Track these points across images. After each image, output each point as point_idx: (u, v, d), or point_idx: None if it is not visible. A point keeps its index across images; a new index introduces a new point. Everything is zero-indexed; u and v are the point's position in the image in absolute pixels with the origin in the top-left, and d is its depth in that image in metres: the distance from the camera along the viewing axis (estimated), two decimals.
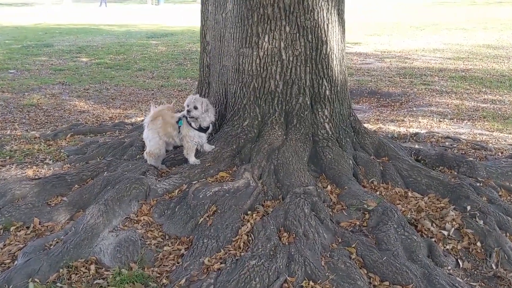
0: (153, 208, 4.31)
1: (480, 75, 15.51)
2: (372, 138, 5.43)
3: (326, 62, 5.07)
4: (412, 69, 16.93)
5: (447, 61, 18.20)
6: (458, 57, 18.97)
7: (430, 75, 15.86)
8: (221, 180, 4.62)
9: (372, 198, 4.40)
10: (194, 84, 14.11)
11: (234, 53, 5.16)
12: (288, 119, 5.07)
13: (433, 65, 17.51)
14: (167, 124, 4.88)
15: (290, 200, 4.17)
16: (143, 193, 4.41)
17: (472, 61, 18.20)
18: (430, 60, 18.52)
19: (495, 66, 17.00)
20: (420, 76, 15.70)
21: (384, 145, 5.40)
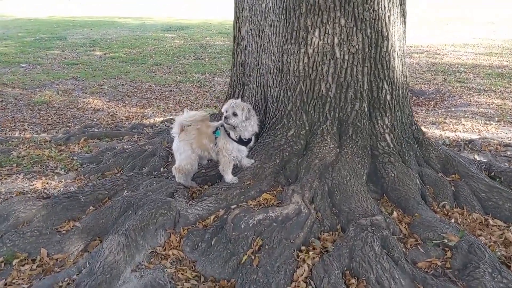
0: (184, 239, 3.54)
1: None
2: (438, 151, 4.59)
3: (387, 61, 4.24)
4: (443, 65, 15.96)
5: (480, 57, 17.18)
6: (491, 53, 17.91)
7: (464, 71, 14.89)
8: (265, 204, 3.83)
9: (452, 230, 3.58)
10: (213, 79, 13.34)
11: (277, 50, 4.35)
12: (341, 129, 4.25)
13: (466, 61, 16.52)
14: (202, 134, 4.08)
15: (354, 234, 3.36)
16: (172, 220, 3.64)
17: (507, 56, 17.15)
18: (462, 56, 17.51)
19: None
20: (453, 73, 14.75)
21: (452, 159, 4.55)
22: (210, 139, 4.07)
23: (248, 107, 3.96)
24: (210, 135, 4.08)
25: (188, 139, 4.08)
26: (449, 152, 4.68)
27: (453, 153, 4.74)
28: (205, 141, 4.07)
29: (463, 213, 4.05)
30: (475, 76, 14.30)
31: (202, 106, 10.37)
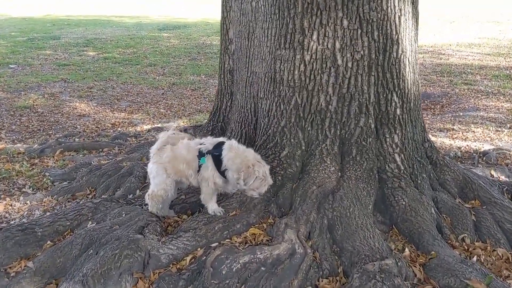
0: (154, 286, 2.93)
1: None
2: (454, 171, 3.98)
3: (397, 69, 3.63)
4: (449, 66, 15.33)
5: (487, 58, 16.55)
6: (498, 53, 17.27)
7: (470, 73, 14.27)
8: (252, 241, 3.21)
9: (477, 274, 2.96)
10: (209, 81, 12.73)
11: (268, 56, 3.75)
12: (344, 148, 3.64)
13: (472, 62, 15.89)
14: (178, 158, 3.42)
15: (360, 283, 2.75)
16: (140, 262, 3.03)
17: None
18: (467, 56, 16.88)
19: None
20: (459, 74, 14.13)
21: (471, 181, 3.95)
22: (189, 165, 3.40)
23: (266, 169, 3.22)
24: (189, 160, 3.40)
25: (162, 162, 3.45)
26: (467, 173, 4.07)
27: (471, 174, 4.13)
28: (182, 166, 3.40)
29: (487, 248, 3.44)
30: (483, 77, 13.68)
31: (195, 111, 9.77)
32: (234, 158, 3.19)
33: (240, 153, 3.23)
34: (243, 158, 3.18)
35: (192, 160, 3.37)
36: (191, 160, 3.37)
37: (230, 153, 3.23)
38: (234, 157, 3.20)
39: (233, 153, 3.22)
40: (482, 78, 13.58)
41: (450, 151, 6.55)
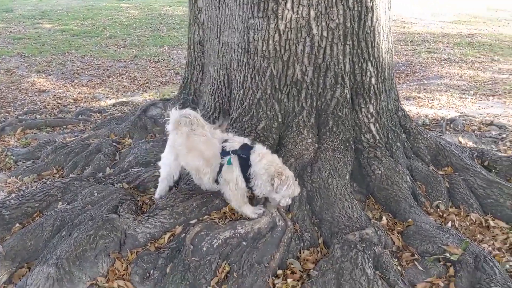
0: (132, 266, 2.85)
1: (488, 40, 14.20)
2: (428, 139, 4.02)
3: (372, 38, 3.58)
4: (412, 34, 15.50)
5: (449, 26, 16.81)
6: (459, 21, 17.57)
7: (433, 41, 14.49)
8: (232, 217, 3.15)
9: (454, 240, 3.03)
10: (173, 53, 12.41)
11: (241, 26, 3.62)
12: (320, 120, 3.60)
13: (435, 30, 16.11)
14: (194, 151, 3.02)
15: (341, 253, 2.76)
16: (116, 242, 2.93)
17: (475, 24, 16.85)
18: (430, 24, 17.10)
19: (501, 31, 15.70)
20: (423, 43, 14.32)
21: (443, 149, 4.00)
22: (208, 163, 3.01)
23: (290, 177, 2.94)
24: (209, 157, 3.00)
25: (174, 147, 3.14)
26: (440, 141, 4.12)
27: (443, 141, 4.19)
28: (198, 162, 3.03)
29: (460, 213, 3.53)
30: (445, 45, 13.92)
31: (160, 84, 9.51)
32: (266, 165, 2.90)
33: (270, 160, 2.94)
34: (275, 166, 2.91)
35: (212, 157, 3.00)
36: (211, 157, 3.01)
37: (263, 160, 2.91)
38: (266, 165, 2.90)
39: (265, 160, 2.91)
40: (445, 46, 13.80)
41: (418, 119, 6.64)
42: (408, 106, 7.86)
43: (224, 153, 2.97)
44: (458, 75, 10.70)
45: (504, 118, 6.89)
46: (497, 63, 11.68)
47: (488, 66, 11.47)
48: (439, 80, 10.30)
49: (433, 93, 9.05)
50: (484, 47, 13.32)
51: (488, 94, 8.88)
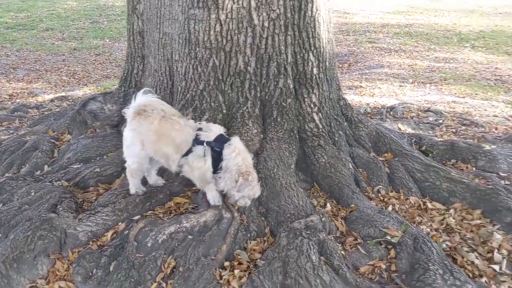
0: (74, 266, 2.75)
1: (425, 30, 14.79)
2: (368, 127, 4.14)
3: (313, 28, 3.62)
4: (354, 25, 15.87)
5: (388, 16, 17.35)
6: (398, 11, 18.17)
7: (374, 31, 14.90)
8: (177, 211, 3.11)
9: (394, 223, 3.14)
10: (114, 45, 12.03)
11: (181, 16, 3.55)
12: (265, 110, 3.61)
13: (374, 20, 16.58)
14: (164, 139, 2.94)
15: (287, 242, 2.79)
16: (56, 242, 2.82)
17: (412, 15, 17.49)
18: (370, 15, 17.57)
19: (437, 20, 16.39)
20: (364, 33, 14.70)
21: (383, 136, 4.13)
22: (178, 149, 2.91)
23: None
24: (179, 144, 2.91)
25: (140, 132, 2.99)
26: (379, 128, 4.25)
27: (383, 128, 4.32)
28: (168, 149, 2.93)
29: (400, 197, 3.66)
30: (385, 35, 14.35)
31: (102, 77, 9.20)
32: (240, 163, 2.84)
33: (245, 157, 2.89)
34: (246, 165, 2.87)
35: (183, 143, 2.91)
36: (181, 143, 2.92)
37: (239, 158, 2.85)
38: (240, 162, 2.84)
39: (241, 158, 2.85)
40: (385, 36, 14.23)
41: (360, 107, 6.82)
42: (351, 95, 8.05)
43: (198, 142, 2.89)
44: (398, 64, 11.07)
45: (440, 104, 7.20)
46: (433, 52, 12.18)
47: (425, 54, 11.95)
48: (379, 69, 10.61)
49: (374, 82, 9.31)
50: (421, 37, 13.86)
51: (425, 82, 9.25)
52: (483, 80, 9.15)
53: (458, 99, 7.68)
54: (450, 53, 11.93)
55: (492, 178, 3.82)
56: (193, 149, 2.89)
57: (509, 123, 6.08)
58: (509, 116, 6.48)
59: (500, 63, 10.71)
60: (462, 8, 18.85)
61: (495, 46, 12.54)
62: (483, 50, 12.13)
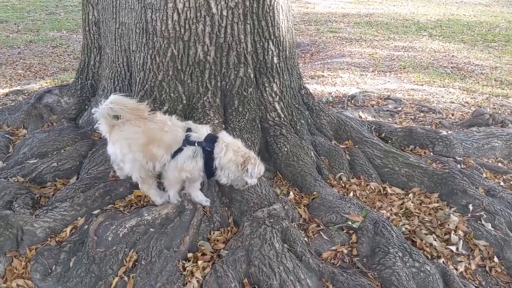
0: (32, 263, 2.67)
1: (385, 20, 15.07)
2: (329, 116, 4.18)
3: (272, 17, 3.61)
4: (315, 14, 15.99)
5: (349, 6, 17.57)
6: (358, 1, 18.43)
7: (335, 21, 15.07)
8: (138, 204, 3.06)
9: (355, 209, 3.20)
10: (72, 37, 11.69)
11: (138, 5, 3.47)
12: (226, 100, 3.59)
13: (336, 10, 16.76)
14: (154, 141, 2.78)
15: (251, 231, 2.80)
16: (12, 240, 2.73)
17: (372, 4, 17.78)
18: (331, 5, 17.74)
19: (396, 10, 16.72)
20: (325, 23, 14.83)
21: (344, 123, 4.19)
22: (167, 150, 2.79)
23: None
24: (169, 144, 2.78)
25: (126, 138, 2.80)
26: (340, 116, 4.31)
27: (344, 117, 4.38)
28: (157, 151, 2.78)
29: (361, 183, 3.74)
30: (346, 25, 14.52)
31: (59, 70, 8.92)
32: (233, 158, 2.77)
33: (235, 149, 2.82)
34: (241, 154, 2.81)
35: (172, 143, 2.79)
36: (171, 144, 2.79)
37: (229, 153, 2.77)
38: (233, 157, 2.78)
39: (231, 152, 2.78)
40: (346, 26, 14.40)
41: (322, 96, 6.90)
42: (313, 84, 8.12)
43: (189, 142, 2.78)
44: (359, 53, 11.23)
45: (399, 92, 7.37)
46: (393, 41, 12.43)
47: (385, 44, 12.18)
48: (341, 59, 10.74)
49: (336, 71, 9.43)
50: (381, 26, 14.12)
51: (385, 70, 9.44)
52: (440, 68, 9.42)
53: (417, 87, 7.88)
54: (409, 42, 12.20)
55: (448, 163, 3.95)
56: (184, 149, 2.80)
57: (465, 109, 6.29)
58: (464, 102, 6.70)
59: (456, 51, 11.04)
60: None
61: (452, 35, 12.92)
62: (440, 39, 12.47)
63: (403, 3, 17.87)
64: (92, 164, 3.38)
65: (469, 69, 9.38)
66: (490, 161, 4.33)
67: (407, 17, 15.23)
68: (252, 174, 2.78)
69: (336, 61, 10.59)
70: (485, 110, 5.54)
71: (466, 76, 8.84)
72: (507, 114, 6.06)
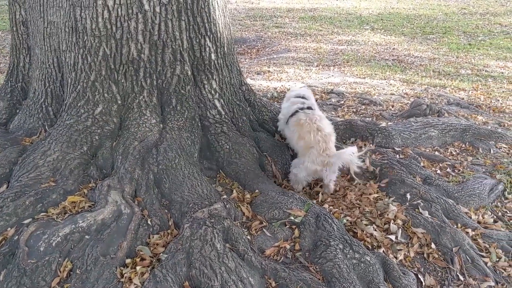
0: None
1: (328, 14, 15.32)
2: (271, 111, 4.18)
3: (207, 13, 3.56)
4: (260, 10, 16.03)
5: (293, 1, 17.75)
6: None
7: (280, 16, 15.16)
8: (73, 211, 2.93)
9: (297, 204, 3.21)
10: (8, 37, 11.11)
11: (66, 3, 3.32)
12: (163, 99, 3.50)
13: (280, 5, 16.87)
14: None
15: (191, 232, 2.73)
16: None
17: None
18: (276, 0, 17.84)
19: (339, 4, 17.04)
20: (270, 18, 14.90)
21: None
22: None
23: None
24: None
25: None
26: None
27: None
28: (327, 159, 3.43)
29: None
30: (291, 20, 14.64)
31: None
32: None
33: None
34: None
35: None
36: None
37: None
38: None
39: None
40: (291, 21, 14.52)
41: (267, 92, 6.90)
42: (259, 80, 8.12)
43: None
44: (304, 48, 11.35)
45: (342, 86, 7.49)
46: (336, 35, 12.66)
47: (329, 38, 12.38)
48: (287, 54, 10.81)
49: (282, 66, 9.48)
50: (325, 20, 14.34)
51: (329, 64, 9.58)
52: (382, 61, 9.67)
53: (359, 80, 8.05)
54: (352, 36, 12.46)
55: (387, 153, 4.05)
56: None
57: (404, 100, 6.47)
58: (404, 94, 6.90)
59: (397, 44, 11.38)
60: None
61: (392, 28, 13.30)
62: (382, 32, 12.81)
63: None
64: (23, 171, 3.19)
65: (409, 61, 9.68)
66: (427, 150, 4.46)
67: (350, 11, 15.55)
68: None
69: (282, 56, 10.64)
70: (423, 101, 5.72)
71: (406, 68, 9.12)
72: (443, 104, 6.29)
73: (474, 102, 6.48)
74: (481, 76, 8.48)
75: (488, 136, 4.67)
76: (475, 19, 14.24)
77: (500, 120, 5.59)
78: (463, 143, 4.61)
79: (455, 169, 4.14)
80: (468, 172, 4.06)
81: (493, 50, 10.64)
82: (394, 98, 6.58)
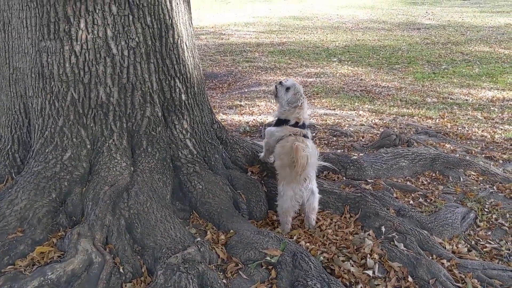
0: None
1: (296, 48, 15.66)
2: (244, 148, 4.19)
3: (176, 55, 3.59)
4: (230, 45, 16.28)
5: (262, 35, 18.09)
6: (270, 30, 19.04)
7: (250, 51, 15.41)
8: (41, 262, 2.82)
9: (273, 243, 3.18)
10: None
11: (32, 49, 3.30)
12: (133, 141, 3.46)
13: (249, 40, 17.18)
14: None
15: (165, 279, 2.66)
16: None
17: (284, 33, 18.44)
18: (245, 35, 18.17)
19: (306, 38, 17.46)
20: (240, 53, 15.14)
21: (258, 155, 4.21)
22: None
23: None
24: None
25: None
26: (255, 147, 4.34)
27: (258, 147, 4.41)
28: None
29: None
30: (260, 54, 14.90)
31: None
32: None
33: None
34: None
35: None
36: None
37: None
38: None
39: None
40: (260, 55, 14.78)
41: (240, 126, 6.94)
42: (231, 115, 8.18)
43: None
44: (274, 81, 11.52)
45: (313, 117, 7.60)
46: (305, 68, 12.93)
47: (298, 71, 12.63)
48: (258, 88, 10.96)
49: (253, 100, 9.59)
50: (294, 54, 14.65)
51: None
52: (351, 92, 9.89)
53: (329, 111, 8.20)
54: (320, 68, 12.75)
55: (360, 186, 4.09)
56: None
57: (374, 131, 6.60)
58: (373, 124, 7.05)
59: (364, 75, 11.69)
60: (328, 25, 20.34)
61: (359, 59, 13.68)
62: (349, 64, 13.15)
63: (313, 31, 18.71)
64: None
65: (377, 91, 9.94)
66: (399, 180, 4.53)
67: (317, 44, 15.94)
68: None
69: (253, 90, 10.78)
70: (392, 131, 5.84)
71: (374, 98, 9.35)
72: (412, 133, 6.45)
73: (442, 130, 6.67)
74: (447, 104, 8.77)
75: (457, 164, 4.78)
76: (437, 48, 14.81)
77: (467, 147, 5.75)
78: (433, 172, 4.71)
79: (427, 199, 4.20)
80: (440, 201, 4.12)
81: (457, 78, 11.05)
82: (364, 129, 6.71)
